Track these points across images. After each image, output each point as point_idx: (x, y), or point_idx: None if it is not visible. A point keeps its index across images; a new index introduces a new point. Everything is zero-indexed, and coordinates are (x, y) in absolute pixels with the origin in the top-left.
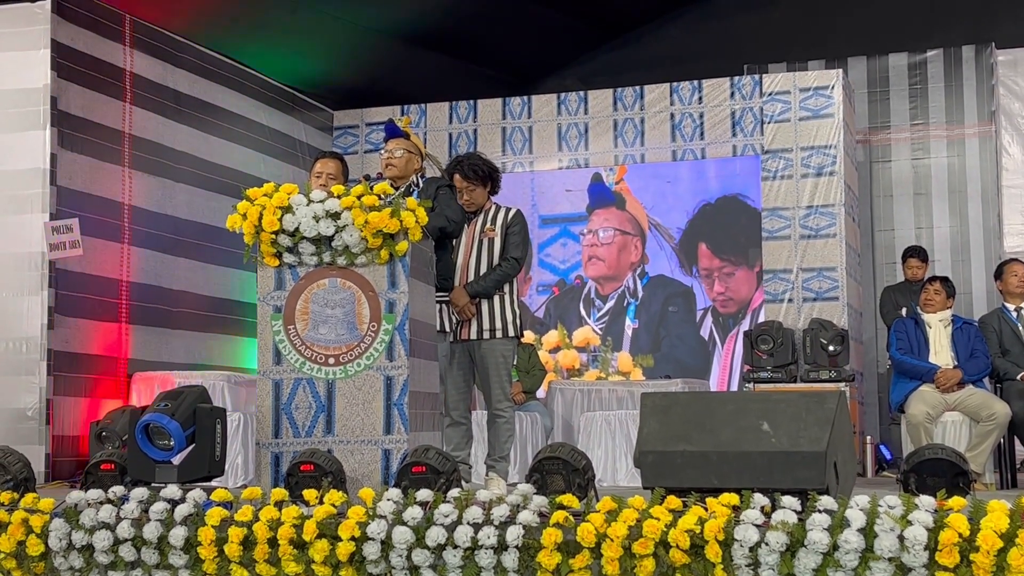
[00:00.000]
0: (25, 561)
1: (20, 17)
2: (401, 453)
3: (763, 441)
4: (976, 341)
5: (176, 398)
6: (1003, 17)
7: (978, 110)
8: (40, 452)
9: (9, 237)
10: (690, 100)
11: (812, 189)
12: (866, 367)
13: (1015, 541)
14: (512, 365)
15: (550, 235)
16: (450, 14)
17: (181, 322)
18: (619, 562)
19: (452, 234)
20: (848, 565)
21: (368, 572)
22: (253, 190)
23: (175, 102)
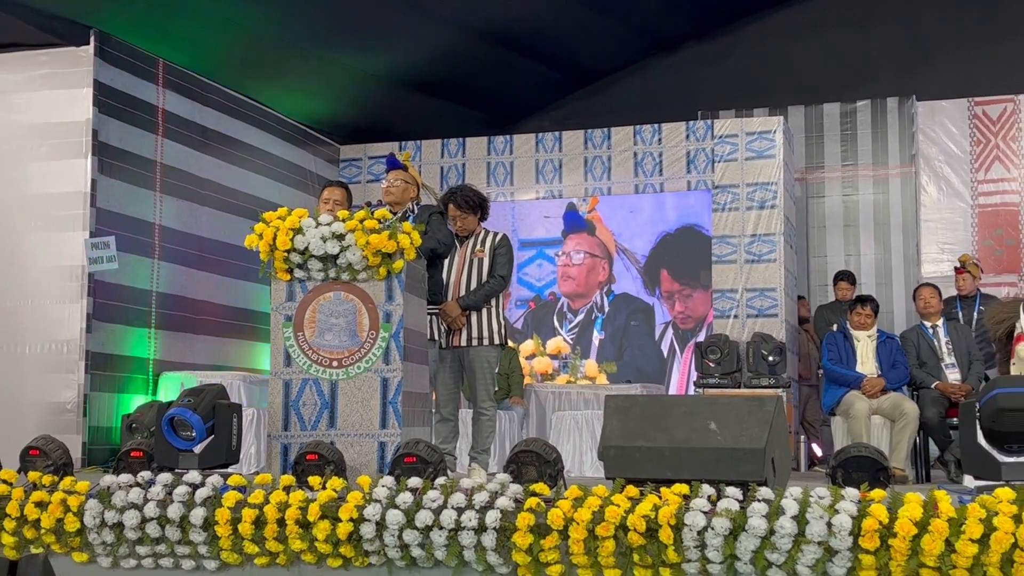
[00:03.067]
0: (63, 536)
1: (67, 59)
2: (395, 445)
3: (710, 439)
4: (897, 353)
5: (198, 395)
6: (922, 73)
7: (900, 154)
8: (77, 441)
9: (54, 252)
10: (651, 141)
11: (756, 220)
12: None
13: (927, 528)
14: (496, 369)
15: (528, 256)
16: (442, 63)
17: (203, 328)
18: (584, 543)
19: (442, 255)
20: (783, 548)
21: (364, 550)
22: (269, 213)
23: (201, 135)
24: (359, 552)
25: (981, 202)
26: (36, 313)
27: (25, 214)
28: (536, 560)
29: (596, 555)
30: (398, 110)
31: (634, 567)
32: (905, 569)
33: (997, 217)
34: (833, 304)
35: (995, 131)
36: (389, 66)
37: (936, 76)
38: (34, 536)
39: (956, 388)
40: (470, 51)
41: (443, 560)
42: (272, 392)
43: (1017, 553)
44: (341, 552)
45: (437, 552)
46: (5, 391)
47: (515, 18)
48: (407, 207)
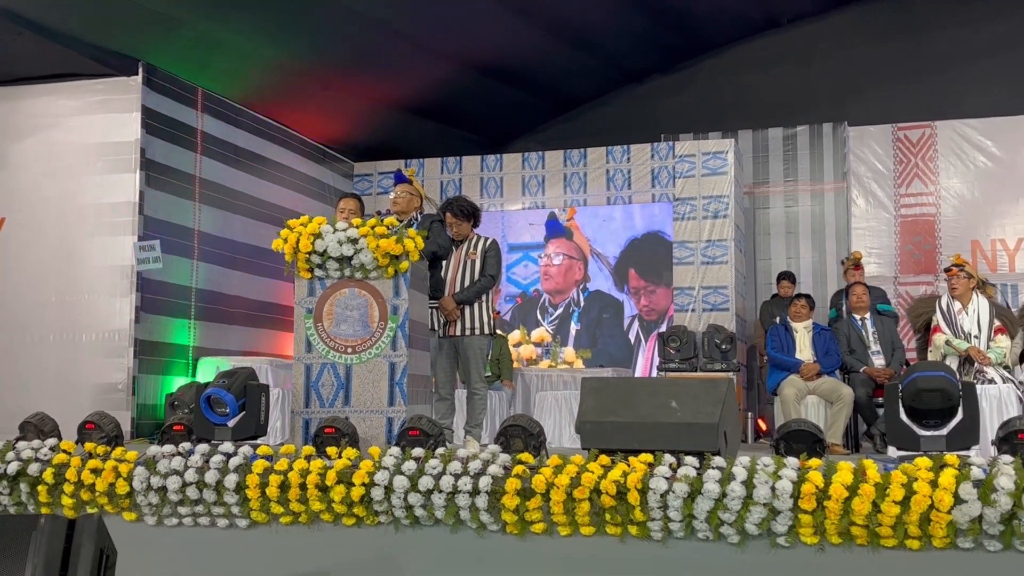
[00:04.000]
0: (114, 498)
1: (118, 87)
2: (400, 420)
3: (672, 415)
4: (831, 343)
5: (231, 376)
6: (853, 103)
7: (834, 171)
8: (127, 416)
9: (106, 253)
10: (621, 160)
11: (710, 228)
12: (748, 360)
13: (857, 492)
14: (487, 355)
15: (515, 258)
16: (441, 92)
17: (235, 319)
18: (563, 504)
19: (441, 257)
20: (733, 508)
21: (374, 510)
22: (292, 221)
23: (234, 154)
24: (370, 512)
25: (903, 213)
26: (91, 306)
27: (82, 221)
28: (522, 519)
29: (573, 515)
30: (404, 132)
31: (606, 525)
32: (838, 527)
33: (916, 226)
34: (776, 300)
35: (915, 152)
36: (396, 95)
37: (865, 105)
38: (89, 498)
39: (881, 372)
40: (465, 82)
41: (442, 519)
42: (295, 374)
43: (934, 513)
44: (355, 512)
45: (437, 512)
46: (65, 373)
47: (504, 54)
48: (412, 216)
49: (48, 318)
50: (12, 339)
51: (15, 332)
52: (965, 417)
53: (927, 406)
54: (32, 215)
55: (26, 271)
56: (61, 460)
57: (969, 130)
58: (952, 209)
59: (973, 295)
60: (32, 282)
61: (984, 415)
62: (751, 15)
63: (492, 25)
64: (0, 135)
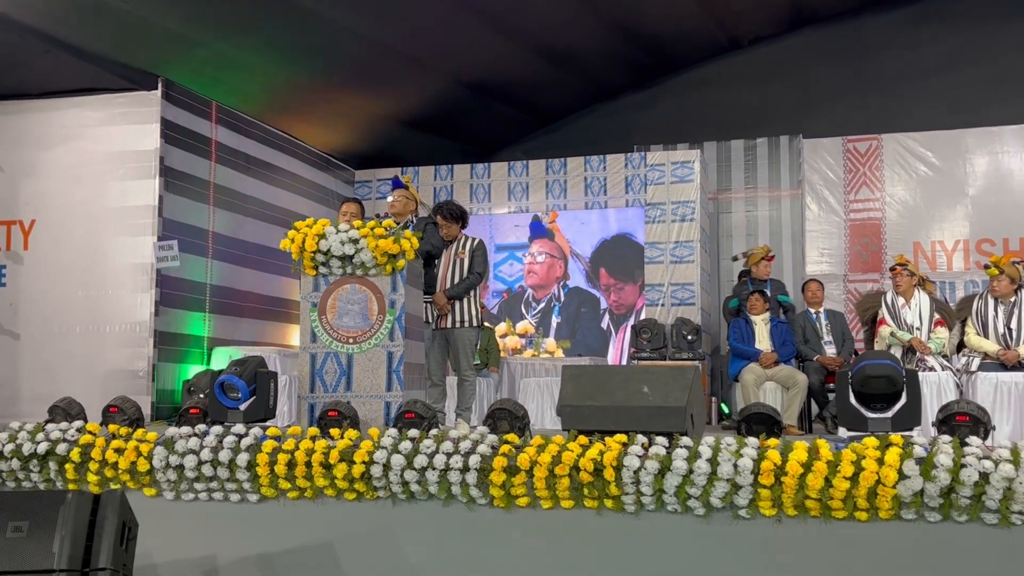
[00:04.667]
0: (136, 475)
1: (140, 101)
2: (397, 404)
3: (644, 399)
4: (787, 334)
5: (243, 364)
6: (807, 118)
7: (790, 179)
8: (147, 401)
9: (129, 252)
10: (598, 168)
11: (678, 230)
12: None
13: (811, 469)
14: (476, 345)
15: (502, 257)
16: (434, 106)
17: (246, 312)
18: (545, 480)
19: (434, 256)
20: (699, 484)
21: (373, 486)
22: (299, 223)
23: (245, 162)
24: (369, 488)
25: (852, 217)
26: (114, 301)
27: (106, 223)
28: (508, 493)
29: (555, 490)
30: (400, 143)
31: (584, 499)
32: (793, 500)
33: (864, 229)
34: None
35: (863, 162)
36: (393, 109)
37: (818, 119)
38: (113, 475)
39: (832, 360)
40: (456, 98)
41: (435, 494)
42: (301, 362)
43: (880, 488)
44: (355, 488)
45: (430, 488)
46: (90, 361)
47: (491, 72)
48: (408, 218)
49: (75, 311)
50: (41, 330)
51: (44, 324)
52: (908, 401)
53: (874, 391)
54: (60, 217)
55: (55, 268)
56: (87, 440)
57: (912, 143)
58: (896, 214)
59: (915, 291)
60: (60, 278)
61: (925, 399)
62: (715, 37)
63: (481, 46)
64: (32, 144)
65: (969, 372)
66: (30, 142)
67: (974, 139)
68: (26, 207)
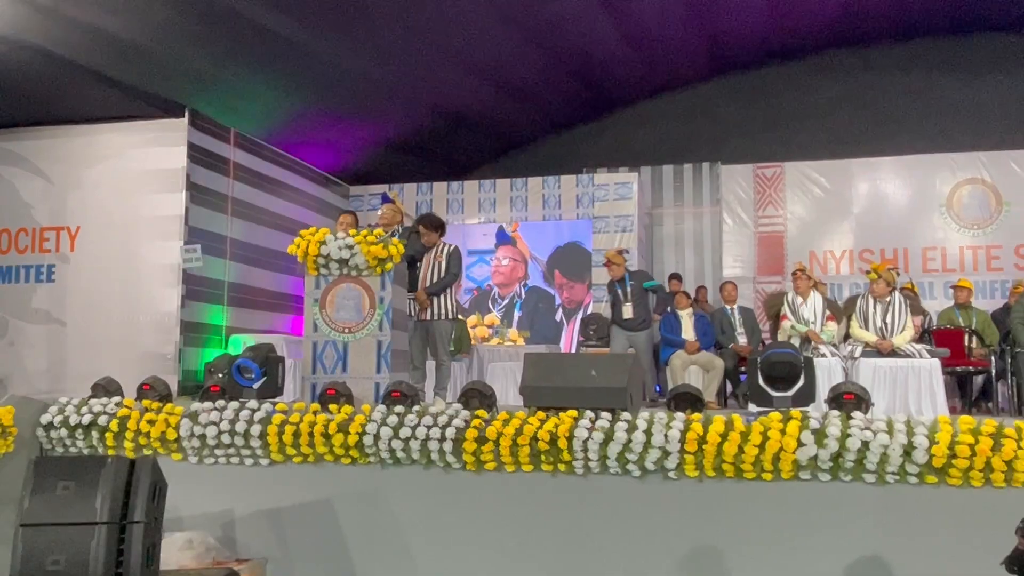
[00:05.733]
0: (165, 443)
1: (169, 127)
2: (386, 385)
3: (591, 380)
4: (707, 327)
5: (256, 350)
6: (724, 147)
7: (710, 198)
8: (174, 380)
9: (159, 255)
10: (553, 187)
11: (620, 239)
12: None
13: (727, 438)
14: (451, 335)
15: (472, 261)
16: (418, 132)
17: (259, 306)
18: (509, 448)
19: (416, 260)
20: (637, 451)
21: (365, 453)
22: (304, 231)
23: (259, 179)
24: (362, 454)
25: (760, 230)
26: (148, 295)
27: (140, 229)
28: (478, 459)
29: (517, 456)
30: (388, 163)
31: (542, 464)
32: (713, 464)
33: (769, 240)
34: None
35: (769, 185)
36: (382, 134)
37: (734, 149)
38: (145, 443)
39: (744, 348)
40: (436, 126)
41: (417, 459)
42: (305, 349)
43: (782, 454)
44: (351, 454)
45: (413, 454)
46: (127, 346)
47: (465, 105)
48: (395, 228)
49: (113, 303)
50: (85, 319)
51: (88, 314)
52: (806, 383)
53: (778, 374)
54: (102, 224)
55: (96, 267)
56: (124, 413)
57: (808, 170)
58: (795, 228)
59: (811, 292)
60: (101, 275)
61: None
62: (650, 80)
63: (456, 83)
64: (77, 162)
65: (853, 358)
66: (76, 160)
67: (858, 168)
68: (73, 216)
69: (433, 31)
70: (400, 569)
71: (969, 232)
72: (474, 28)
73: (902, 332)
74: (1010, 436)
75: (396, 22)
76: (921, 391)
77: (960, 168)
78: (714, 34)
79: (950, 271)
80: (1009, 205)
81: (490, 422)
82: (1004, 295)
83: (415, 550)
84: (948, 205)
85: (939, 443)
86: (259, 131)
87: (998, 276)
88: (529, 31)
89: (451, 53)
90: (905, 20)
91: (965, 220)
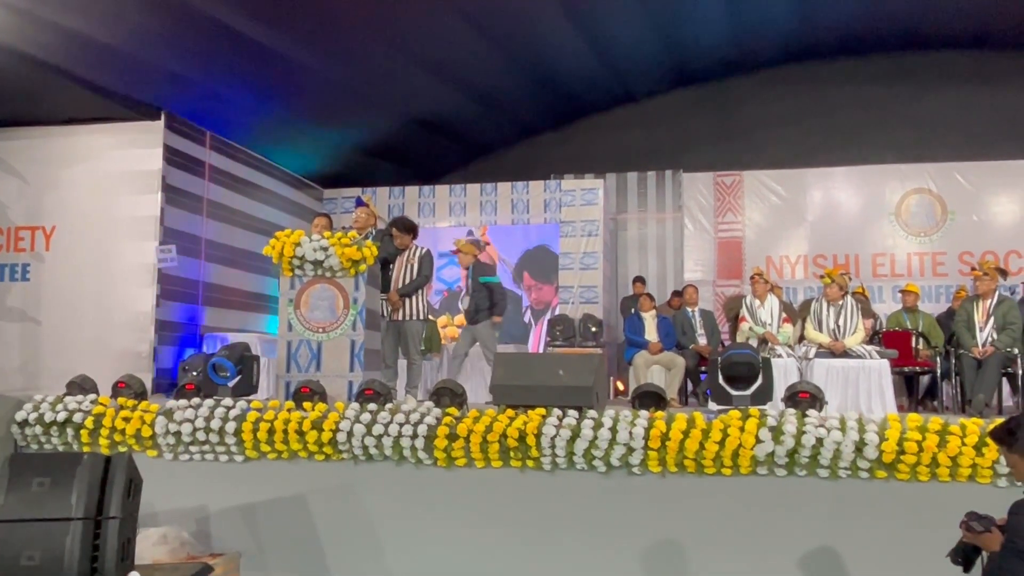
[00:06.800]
0: (140, 440)
1: (145, 129)
2: (359, 383)
3: (559, 379)
4: (669, 328)
5: (230, 348)
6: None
7: (672, 204)
8: (149, 378)
9: (135, 255)
10: (522, 192)
11: (585, 244)
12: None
13: (689, 435)
14: (422, 335)
15: (443, 263)
16: (390, 138)
17: (233, 305)
18: (479, 445)
19: (389, 261)
20: (602, 447)
21: (339, 450)
22: (279, 233)
23: (234, 181)
24: (336, 451)
25: (720, 236)
26: (122, 294)
27: (116, 230)
28: (449, 456)
29: (487, 452)
30: (361, 167)
31: (511, 460)
32: (675, 460)
33: (728, 245)
34: (632, 297)
35: (729, 193)
36: (355, 139)
37: (695, 158)
38: (121, 439)
39: (704, 348)
40: (408, 131)
41: (390, 455)
42: (279, 347)
43: (741, 450)
44: (324, 451)
45: (386, 451)
46: (102, 344)
47: (436, 111)
48: (368, 231)
49: (88, 302)
50: (62, 318)
51: (64, 312)
52: (763, 382)
53: (737, 374)
54: (78, 224)
55: (72, 267)
56: (99, 411)
57: (765, 178)
58: (753, 234)
59: (768, 295)
60: (77, 275)
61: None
62: (615, 91)
63: (427, 90)
64: (55, 163)
65: (807, 359)
66: (53, 161)
67: (812, 177)
68: (48, 215)
69: (407, 40)
70: (372, 562)
71: (916, 239)
72: (447, 38)
73: (854, 334)
74: (955, 433)
75: (370, 30)
76: (871, 390)
77: (908, 179)
78: (676, 48)
79: (898, 276)
80: (954, 214)
81: (461, 419)
82: (948, 299)
83: (387, 544)
84: (897, 213)
85: (889, 440)
86: (234, 134)
87: (943, 281)
88: (499, 41)
89: (424, 62)
90: (858, 36)
91: (912, 228)
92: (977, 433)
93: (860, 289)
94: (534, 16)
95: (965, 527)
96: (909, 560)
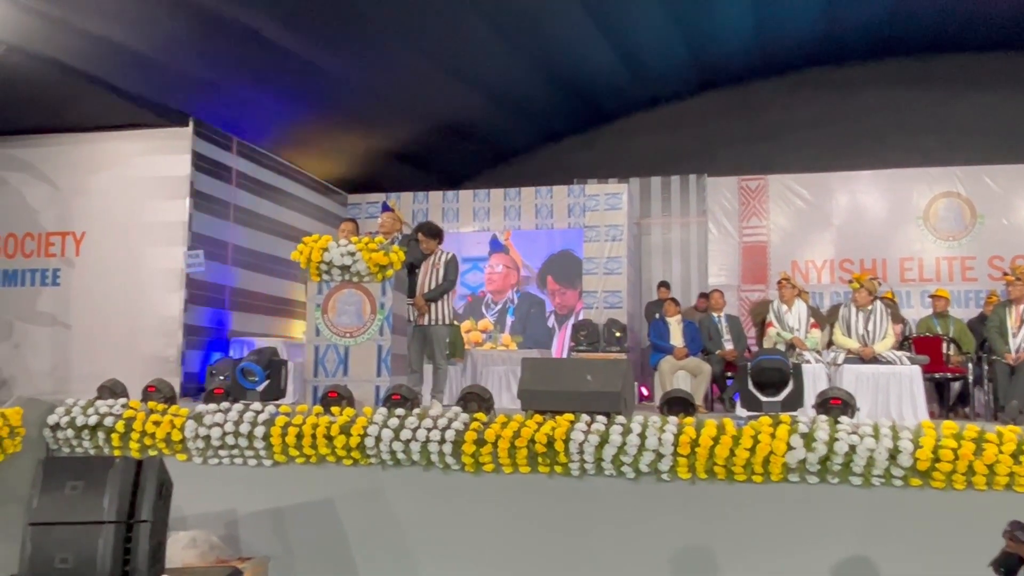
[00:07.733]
0: (170, 444)
1: (174, 136)
2: (386, 388)
3: (587, 384)
4: (695, 333)
5: (259, 353)
6: (711, 160)
7: (696, 209)
8: (177, 382)
9: (163, 260)
10: (545, 197)
11: (610, 248)
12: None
13: (719, 441)
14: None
15: (467, 268)
16: (415, 143)
17: (261, 310)
18: (507, 450)
19: (415, 266)
20: (631, 453)
21: (367, 454)
22: (307, 238)
23: (260, 186)
24: (363, 455)
25: (744, 240)
26: (152, 299)
27: (145, 235)
28: (476, 461)
29: (515, 458)
30: (386, 172)
31: (539, 465)
32: (705, 466)
33: (753, 250)
34: (656, 302)
35: (753, 197)
36: (380, 144)
37: (719, 163)
38: (151, 443)
39: (730, 354)
40: (432, 137)
41: (417, 460)
42: (307, 352)
43: (772, 456)
44: (352, 455)
45: (413, 456)
46: (132, 349)
47: (460, 117)
48: (394, 236)
49: (119, 307)
50: (92, 323)
51: (94, 318)
52: (794, 388)
53: (768, 380)
54: (108, 230)
55: (101, 271)
56: (129, 414)
57: (791, 182)
58: (778, 238)
59: (795, 300)
60: (107, 280)
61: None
62: (639, 95)
63: (452, 96)
64: (85, 169)
65: (836, 364)
66: (83, 167)
67: (838, 181)
68: (79, 221)
69: (432, 45)
70: (400, 568)
71: (945, 244)
72: (471, 43)
73: (883, 339)
74: (991, 441)
75: (396, 36)
76: (903, 396)
77: (936, 182)
78: (701, 51)
79: (927, 281)
80: (983, 218)
81: (488, 424)
82: (979, 304)
83: (414, 549)
84: (925, 217)
85: (923, 447)
86: (260, 140)
87: (973, 286)
88: (524, 47)
89: (449, 67)
90: (883, 40)
91: (941, 232)
92: (1015, 441)
93: (888, 294)
94: (559, 21)
95: (1010, 536)
96: (947, 570)
